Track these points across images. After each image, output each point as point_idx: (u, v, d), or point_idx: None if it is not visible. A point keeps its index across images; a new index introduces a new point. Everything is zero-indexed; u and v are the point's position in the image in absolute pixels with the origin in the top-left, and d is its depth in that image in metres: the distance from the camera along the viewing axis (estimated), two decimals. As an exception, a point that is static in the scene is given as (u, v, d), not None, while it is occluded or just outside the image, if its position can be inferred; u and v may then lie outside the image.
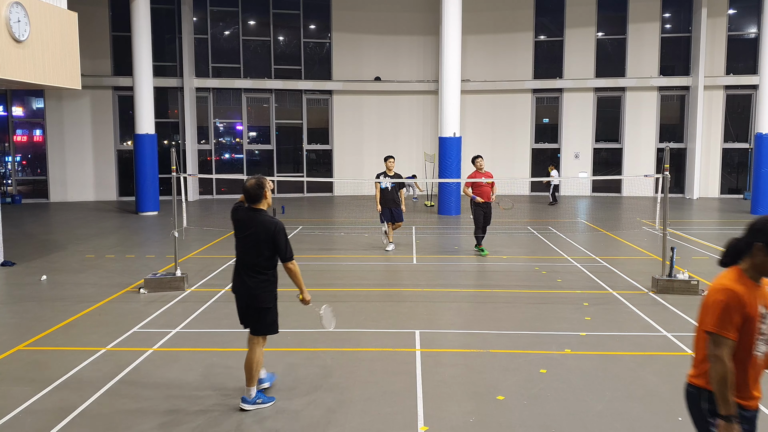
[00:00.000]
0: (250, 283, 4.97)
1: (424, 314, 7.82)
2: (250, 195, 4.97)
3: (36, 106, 22.68)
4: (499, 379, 5.68)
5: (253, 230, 4.95)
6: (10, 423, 4.81)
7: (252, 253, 4.96)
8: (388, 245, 12.13)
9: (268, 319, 5.06)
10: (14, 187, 22.47)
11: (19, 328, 7.30)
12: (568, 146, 24.31)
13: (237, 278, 5.08)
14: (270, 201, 5.12)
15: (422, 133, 24.54)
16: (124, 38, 20.21)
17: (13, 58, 9.18)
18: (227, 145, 24.88)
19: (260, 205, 5.02)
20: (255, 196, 4.97)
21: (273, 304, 5.07)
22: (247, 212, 5.03)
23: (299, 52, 24.22)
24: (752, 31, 23.30)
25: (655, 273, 9.42)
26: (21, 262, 11.07)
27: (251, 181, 4.99)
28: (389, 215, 11.98)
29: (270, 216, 5.03)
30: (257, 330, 5.08)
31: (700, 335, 2.96)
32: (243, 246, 5.02)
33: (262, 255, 4.94)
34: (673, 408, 5.07)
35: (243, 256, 5.03)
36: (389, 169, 11.93)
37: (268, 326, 5.09)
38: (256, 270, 4.97)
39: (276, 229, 4.93)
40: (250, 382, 5.02)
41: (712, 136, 23.53)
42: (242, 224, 5.03)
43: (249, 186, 4.97)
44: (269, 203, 5.12)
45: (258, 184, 4.96)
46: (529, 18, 24.14)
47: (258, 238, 4.92)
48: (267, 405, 5.07)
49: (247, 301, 5.03)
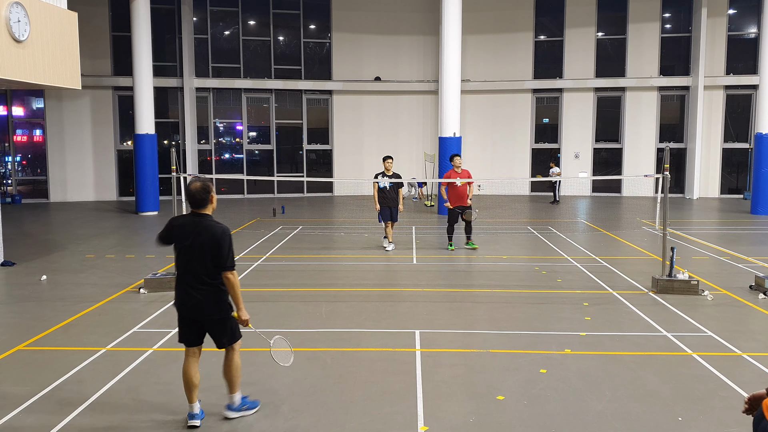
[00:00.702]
0: (200, 296, 4.59)
1: (424, 314, 7.82)
2: (196, 199, 4.61)
3: (36, 106, 22.68)
4: (499, 379, 5.68)
5: (199, 237, 4.57)
6: (10, 423, 4.81)
7: (200, 262, 4.57)
8: (389, 245, 12.15)
9: (227, 329, 4.73)
10: (14, 187, 22.47)
11: (19, 328, 7.30)
12: (568, 146, 24.30)
13: (183, 292, 4.66)
14: (215, 205, 4.76)
15: (422, 133, 24.54)
16: (124, 38, 20.21)
17: (13, 58, 9.18)
18: (227, 145, 24.88)
19: (206, 210, 4.67)
20: (201, 201, 4.62)
21: (227, 314, 4.72)
22: (192, 218, 4.66)
23: (299, 52, 24.23)
24: (752, 31, 23.30)
25: (655, 273, 9.42)
26: (21, 262, 11.07)
27: (196, 185, 4.63)
28: (389, 215, 12.04)
29: (216, 222, 4.67)
30: (222, 343, 4.77)
31: None
32: (189, 255, 4.61)
33: (209, 262, 4.58)
34: (673, 408, 5.07)
35: (189, 267, 4.61)
36: (388, 170, 12.07)
37: (231, 334, 4.77)
38: (206, 281, 4.59)
39: (223, 233, 4.59)
40: (233, 389, 4.82)
41: (712, 136, 23.53)
42: (186, 232, 4.63)
43: (194, 190, 4.61)
44: (214, 207, 4.75)
45: (204, 188, 4.62)
46: (529, 18, 24.14)
47: (205, 243, 4.55)
48: (252, 411, 4.91)
49: (199, 316, 4.66)
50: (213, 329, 4.74)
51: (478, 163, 24.01)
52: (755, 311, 7.98)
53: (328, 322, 7.45)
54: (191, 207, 4.67)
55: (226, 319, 4.70)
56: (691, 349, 6.47)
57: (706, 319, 7.51)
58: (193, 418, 4.71)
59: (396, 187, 12.08)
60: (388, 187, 11.97)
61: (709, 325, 7.29)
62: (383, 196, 11.99)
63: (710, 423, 4.83)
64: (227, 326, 4.73)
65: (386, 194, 11.98)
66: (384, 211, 12.04)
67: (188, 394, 4.75)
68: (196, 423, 4.70)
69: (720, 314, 7.78)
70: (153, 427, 4.78)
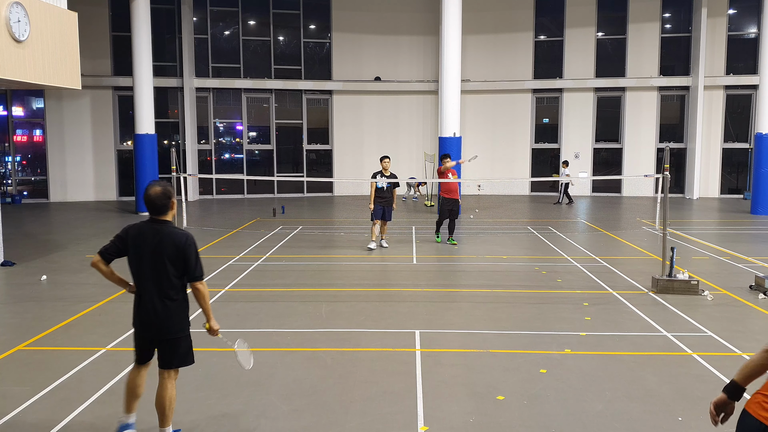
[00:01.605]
0: (160, 310, 4.19)
1: (424, 314, 7.82)
2: (156, 205, 4.18)
3: (36, 106, 22.68)
4: (499, 379, 5.68)
5: (161, 247, 4.15)
6: (10, 423, 4.81)
7: (160, 273, 4.17)
8: (371, 243, 12.28)
9: (182, 349, 4.32)
10: (14, 187, 22.47)
11: (19, 328, 7.30)
12: (568, 146, 24.30)
13: (141, 307, 4.26)
14: (175, 211, 4.39)
15: (422, 133, 24.54)
16: (124, 38, 20.21)
17: (13, 58, 9.18)
18: (227, 145, 24.88)
19: (166, 217, 4.25)
20: (162, 207, 4.20)
21: (187, 332, 4.35)
22: (151, 225, 4.22)
23: (299, 52, 24.22)
24: (752, 31, 23.30)
25: (655, 273, 9.42)
26: (21, 262, 11.07)
27: (156, 189, 4.18)
28: (381, 213, 12.16)
29: (178, 228, 4.27)
30: (170, 363, 4.31)
31: None
32: (147, 266, 4.18)
33: (172, 273, 4.18)
34: (673, 408, 5.07)
35: (148, 279, 4.20)
36: (385, 169, 12.22)
37: (183, 357, 4.35)
38: (166, 293, 4.20)
39: (187, 242, 4.18)
40: (164, 422, 4.33)
41: (712, 136, 23.53)
42: (143, 240, 4.19)
43: (154, 194, 4.17)
44: (174, 213, 4.37)
45: (165, 193, 4.19)
46: (529, 18, 24.14)
47: (166, 253, 4.14)
48: None
49: (156, 333, 4.25)
50: (166, 347, 4.29)
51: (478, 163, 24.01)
52: (755, 311, 7.98)
53: (328, 322, 7.46)
54: (150, 213, 4.23)
55: (183, 338, 4.33)
56: (691, 349, 6.47)
57: (706, 319, 7.51)
58: (126, 428, 4.44)
59: (392, 186, 12.25)
60: (385, 187, 12.09)
61: (709, 325, 7.29)
62: (379, 195, 12.13)
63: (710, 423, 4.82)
64: (181, 346, 4.32)
65: (383, 194, 12.13)
66: (377, 209, 12.16)
67: (128, 403, 4.45)
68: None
69: (720, 314, 7.78)
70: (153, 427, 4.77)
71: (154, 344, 4.35)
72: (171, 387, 4.33)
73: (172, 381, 4.35)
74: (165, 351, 4.32)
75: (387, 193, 12.16)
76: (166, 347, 4.31)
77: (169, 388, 4.32)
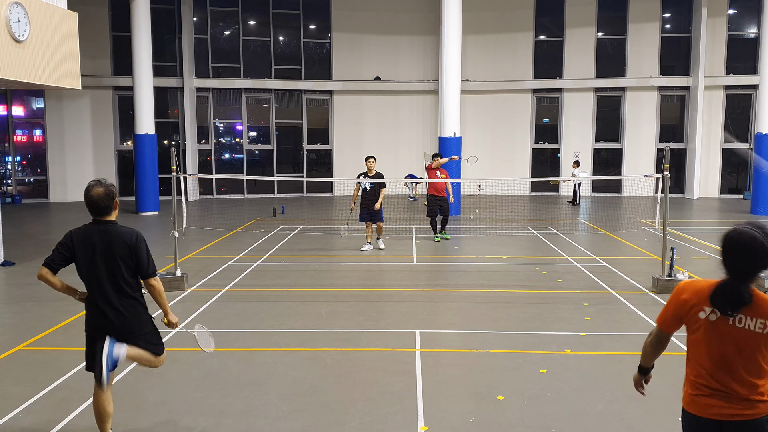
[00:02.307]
0: (122, 310, 4.14)
1: (424, 314, 7.82)
2: (99, 207, 4.09)
3: (36, 106, 22.68)
4: (499, 379, 5.68)
5: (110, 247, 4.09)
6: (10, 423, 4.81)
7: (113, 273, 4.10)
8: (364, 245, 12.14)
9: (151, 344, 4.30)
10: (14, 187, 22.47)
11: (19, 328, 7.31)
12: (568, 146, 24.30)
13: (96, 312, 4.16)
14: (118, 211, 4.27)
15: (422, 133, 24.54)
16: (124, 38, 20.21)
17: (13, 58, 9.18)
18: (227, 145, 24.88)
19: (110, 217, 4.17)
20: (105, 208, 4.11)
21: (152, 325, 4.32)
22: (96, 227, 4.13)
23: (299, 52, 24.23)
24: (752, 31, 23.30)
25: (655, 273, 9.42)
26: (21, 262, 11.07)
27: (98, 190, 4.08)
28: (368, 215, 11.99)
29: (125, 226, 4.22)
30: None
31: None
32: (100, 268, 4.10)
33: (126, 272, 4.13)
34: (673, 408, 5.07)
35: (103, 281, 4.11)
36: (370, 170, 11.95)
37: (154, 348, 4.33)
38: (123, 294, 4.14)
39: (137, 239, 4.14)
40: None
41: (712, 136, 23.53)
42: (91, 243, 4.10)
43: (96, 196, 4.07)
44: (117, 213, 4.27)
45: (108, 194, 4.10)
46: (529, 18, 24.14)
47: (118, 253, 4.09)
48: None
49: (121, 337, 4.14)
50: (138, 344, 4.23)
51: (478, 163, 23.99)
52: (755, 311, 7.96)
53: (328, 322, 7.46)
54: (93, 214, 4.14)
55: (150, 333, 4.30)
56: (691, 349, 6.46)
57: (706, 319, 7.49)
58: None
59: (377, 187, 11.93)
60: (368, 188, 11.90)
61: (709, 325, 7.28)
62: (364, 196, 11.95)
63: (710, 423, 4.82)
64: (150, 341, 4.29)
65: (366, 195, 11.93)
66: (363, 212, 12.00)
67: (102, 426, 4.29)
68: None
69: (720, 314, 7.76)
70: (153, 427, 4.78)
71: None
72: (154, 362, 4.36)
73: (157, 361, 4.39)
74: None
75: (371, 194, 11.90)
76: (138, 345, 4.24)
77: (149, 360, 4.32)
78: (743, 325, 2.70)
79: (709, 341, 2.79)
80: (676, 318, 2.93)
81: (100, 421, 4.30)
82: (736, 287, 2.68)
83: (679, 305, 2.88)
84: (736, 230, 2.71)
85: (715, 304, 2.73)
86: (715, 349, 2.78)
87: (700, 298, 2.80)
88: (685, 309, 2.86)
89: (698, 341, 2.84)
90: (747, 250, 2.65)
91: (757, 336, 2.69)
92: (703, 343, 2.82)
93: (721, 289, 2.71)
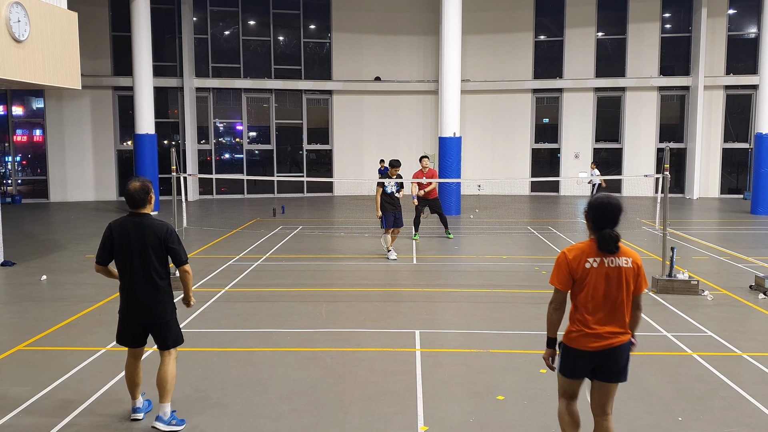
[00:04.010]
0: (150, 296, 4.58)
1: (424, 314, 7.82)
2: (135, 199, 4.55)
3: (36, 106, 22.68)
4: (499, 379, 5.68)
5: (143, 238, 4.52)
6: (10, 423, 4.81)
7: (145, 262, 4.53)
8: (392, 254, 11.39)
9: (173, 330, 4.73)
10: (14, 187, 22.47)
11: (19, 328, 7.30)
12: (568, 146, 24.31)
13: (130, 296, 4.61)
14: (153, 205, 4.70)
15: (422, 133, 24.54)
16: (124, 38, 20.22)
17: (13, 58, 9.18)
18: (227, 145, 24.88)
19: (145, 210, 4.62)
20: (140, 201, 4.56)
21: (174, 314, 4.76)
22: (131, 219, 4.59)
23: (299, 52, 24.23)
24: (752, 31, 23.30)
25: (655, 273, 9.41)
26: (21, 262, 11.07)
27: (135, 184, 4.56)
28: (393, 220, 11.31)
29: (158, 219, 4.64)
30: (166, 344, 4.71)
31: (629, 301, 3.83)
32: (134, 257, 4.54)
33: (157, 262, 4.57)
34: (673, 408, 5.07)
35: (136, 268, 4.55)
36: (393, 175, 11.40)
37: (176, 337, 4.75)
38: (153, 281, 4.57)
39: (168, 230, 4.57)
40: (163, 398, 4.63)
41: (712, 136, 23.53)
42: (127, 233, 4.55)
43: (134, 190, 4.55)
44: (152, 207, 4.69)
45: (144, 188, 4.56)
46: (529, 18, 24.14)
47: (150, 243, 4.52)
48: (180, 428, 4.65)
49: (149, 318, 4.62)
50: (159, 331, 4.68)
51: (478, 163, 24.05)
52: (755, 311, 7.98)
53: (328, 322, 7.46)
54: (129, 207, 4.57)
55: (173, 321, 4.73)
56: (691, 349, 6.47)
57: (706, 319, 7.51)
58: (136, 411, 4.83)
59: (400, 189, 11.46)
60: (394, 191, 11.26)
61: (709, 325, 7.29)
62: (389, 201, 11.24)
63: (710, 423, 4.83)
64: (172, 328, 4.73)
65: (392, 200, 11.24)
66: (389, 217, 11.29)
67: (132, 392, 4.84)
68: (138, 416, 4.81)
69: (720, 314, 7.78)
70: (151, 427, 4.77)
71: (146, 330, 4.71)
72: (171, 365, 4.69)
73: (172, 360, 4.71)
74: (159, 334, 4.69)
75: (395, 198, 11.31)
76: (159, 331, 4.68)
77: (170, 367, 4.67)
78: (615, 264, 3.77)
79: (596, 284, 3.77)
80: (569, 276, 3.83)
81: (131, 389, 4.83)
82: (614, 233, 3.75)
83: (570, 265, 3.82)
84: (600, 198, 3.84)
85: (604, 249, 3.76)
86: (602, 289, 3.77)
87: (583, 253, 3.81)
88: (574, 266, 3.80)
89: (589, 286, 3.78)
90: (613, 206, 3.78)
91: (627, 270, 3.78)
92: (591, 286, 3.78)
93: (606, 238, 3.74)
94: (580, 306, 3.86)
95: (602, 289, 3.77)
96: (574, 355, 3.89)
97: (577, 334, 3.85)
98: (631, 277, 3.80)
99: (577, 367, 3.92)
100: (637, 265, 3.82)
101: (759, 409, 5.05)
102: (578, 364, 3.91)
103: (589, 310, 3.81)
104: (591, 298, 3.79)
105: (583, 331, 3.82)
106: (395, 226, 11.37)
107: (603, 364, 3.85)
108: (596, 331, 3.80)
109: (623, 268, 3.78)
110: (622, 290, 3.77)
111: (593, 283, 3.78)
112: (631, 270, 3.80)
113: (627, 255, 3.82)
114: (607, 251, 3.75)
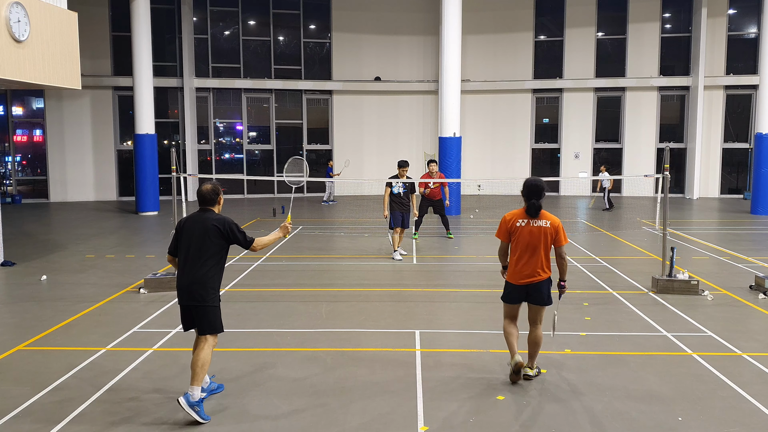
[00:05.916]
0: (196, 282, 4.98)
1: (424, 314, 7.82)
2: (206, 198, 5.17)
3: (36, 106, 22.68)
4: (499, 379, 5.68)
5: (204, 227, 5.04)
6: (10, 423, 4.81)
7: (202, 249, 5.02)
8: (398, 255, 11.38)
9: (210, 317, 5.03)
10: (14, 187, 22.47)
11: (19, 328, 7.30)
12: (568, 146, 24.31)
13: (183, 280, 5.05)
14: (222, 205, 5.29)
15: (422, 133, 24.54)
16: (124, 38, 20.21)
17: (13, 58, 9.17)
18: (227, 145, 24.88)
19: (212, 207, 5.20)
20: (210, 200, 5.18)
21: (217, 304, 5.08)
22: (200, 213, 5.16)
23: (299, 52, 24.23)
24: (752, 31, 23.30)
25: (655, 273, 9.42)
26: (21, 262, 11.07)
27: (207, 186, 5.20)
28: (400, 220, 11.34)
29: (218, 214, 5.20)
30: (202, 329, 5.02)
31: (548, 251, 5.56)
32: (193, 244, 5.03)
33: (212, 249, 5.04)
34: (673, 408, 5.07)
35: (190, 251, 5.03)
36: (401, 176, 11.41)
37: (212, 324, 5.04)
38: (205, 268, 5.01)
39: (225, 223, 5.08)
40: (193, 380, 4.88)
41: (712, 136, 23.53)
42: (194, 224, 5.10)
43: (206, 190, 5.18)
44: (221, 207, 5.28)
45: (214, 190, 5.20)
46: (529, 18, 24.14)
47: (208, 233, 5.02)
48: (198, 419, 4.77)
49: (191, 302, 5.00)
50: (197, 313, 5.01)
51: (478, 163, 24.05)
52: (755, 311, 7.98)
53: (328, 322, 7.46)
54: (200, 204, 5.17)
55: (211, 307, 5.02)
56: (691, 349, 6.47)
57: (706, 319, 7.51)
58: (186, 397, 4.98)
59: (409, 191, 11.48)
60: (402, 192, 11.29)
61: (709, 325, 7.29)
62: (397, 201, 11.30)
63: (710, 423, 4.83)
64: (210, 315, 5.03)
65: (401, 200, 11.31)
66: (396, 216, 11.33)
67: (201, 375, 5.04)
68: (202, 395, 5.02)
69: (720, 314, 7.78)
70: (153, 427, 4.77)
71: (191, 313, 5.04)
72: (205, 351, 4.97)
73: (207, 345, 5.00)
74: (197, 318, 5.03)
75: (405, 198, 11.35)
76: (197, 314, 5.01)
77: (203, 353, 4.95)
78: (537, 225, 5.46)
79: (524, 238, 5.47)
80: (507, 232, 5.57)
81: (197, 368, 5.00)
82: (537, 203, 5.44)
83: (507, 224, 5.58)
84: (530, 180, 5.62)
85: (530, 214, 5.48)
86: (526, 241, 5.46)
87: (516, 216, 5.55)
88: (510, 224, 5.56)
89: (518, 239, 5.50)
90: (539, 186, 5.51)
91: (546, 229, 5.47)
92: (521, 239, 5.48)
93: (532, 207, 5.45)
94: (512, 253, 5.56)
95: (526, 241, 5.46)
96: (510, 287, 5.61)
97: (511, 272, 5.57)
98: (549, 234, 5.46)
99: (512, 295, 5.59)
100: (554, 227, 5.47)
101: (759, 409, 5.05)
102: (513, 294, 5.58)
103: (517, 256, 5.50)
104: (519, 247, 5.49)
105: (514, 270, 5.53)
106: (402, 225, 11.41)
107: (530, 293, 5.51)
108: (522, 271, 5.49)
109: (543, 228, 5.46)
110: (541, 243, 5.44)
111: (521, 237, 5.48)
112: (549, 229, 5.46)
113: (547, 218, 5.49)
114: (531, 215, 5.46)
